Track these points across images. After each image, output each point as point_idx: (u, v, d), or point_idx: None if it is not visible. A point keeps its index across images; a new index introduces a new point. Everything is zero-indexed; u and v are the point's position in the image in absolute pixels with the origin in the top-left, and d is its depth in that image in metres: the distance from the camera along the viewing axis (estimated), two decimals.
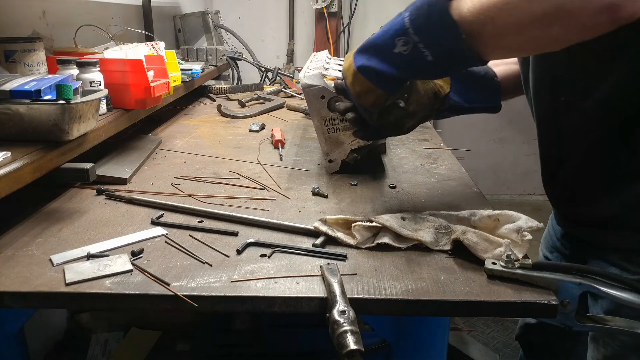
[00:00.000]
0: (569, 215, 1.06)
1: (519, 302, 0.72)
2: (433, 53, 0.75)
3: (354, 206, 1.05)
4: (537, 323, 1.28)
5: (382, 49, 0.80)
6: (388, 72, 0.80)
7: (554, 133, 0.98)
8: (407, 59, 0.77)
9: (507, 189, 4.18)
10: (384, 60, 0.80)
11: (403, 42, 0.76)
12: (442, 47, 0.75)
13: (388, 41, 0.78)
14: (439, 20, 0.72)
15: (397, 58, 0.78)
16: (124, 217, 0.99)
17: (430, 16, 0.73)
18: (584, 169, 0.94)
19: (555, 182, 1.03)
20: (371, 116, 0.92)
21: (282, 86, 2.55)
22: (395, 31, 0.77)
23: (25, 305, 0.77)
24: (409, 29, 0.75)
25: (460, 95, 1.06)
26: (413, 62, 0.77)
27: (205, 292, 0.73)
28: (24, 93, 0.98)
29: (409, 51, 0.76)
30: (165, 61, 1.56)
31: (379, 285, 0.74)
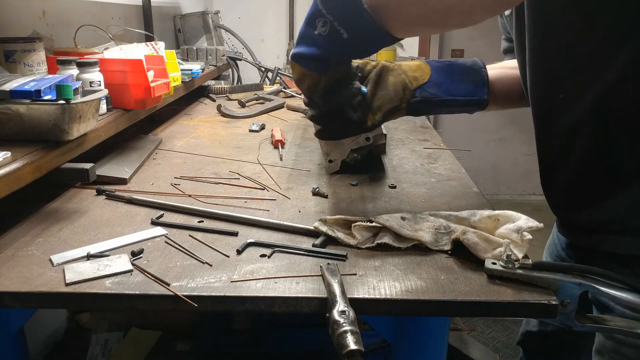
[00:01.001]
0: (570, 220, 1.02)
1: (519, 302, 0.72)
2: (348, 31, 0.78)
3: (354, 206, 1.05)
4: (539, 331, 1.25)
5: (306, 34, 0.83)
6: (312, 53, 0.83)
7: (552, 133, 0.96)
8: (327, 39, 0.80)
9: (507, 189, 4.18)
10: (309, 44, 0.83)
11: (322, 23, 0.79)
12: (354, 24, 0.77)
13: (309, 25, 0.81)
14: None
15: (318, 39, 0.81)
16: (124, 217, 0.99)
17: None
18: (583, 169, 0.91)
19: (555, 185, 1.00)
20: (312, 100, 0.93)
21: (282, 86, 2.55)
22: (312, 14, 0.80)
23: (25, 305, 0.77)
24: (322, 9, 0.78)
25: (439, 87, 1.03)
26: (332, 41, 0.80)
27: (205, 292, 0.73)
28: (24, 93, 0.98)
29: (328, 31, 0.79)
30: (165, 61, 1.56)
31: (379, 285, 0.74)
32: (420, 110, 1.06)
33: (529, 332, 1.29)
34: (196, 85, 2.11)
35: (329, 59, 0.86)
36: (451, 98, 1.04)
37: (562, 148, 0.94)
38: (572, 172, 0.94)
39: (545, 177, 1.02)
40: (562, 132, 0.93)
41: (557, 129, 0.94)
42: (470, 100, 1.06)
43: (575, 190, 0.95)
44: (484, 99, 1.06)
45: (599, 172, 0.89)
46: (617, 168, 0.87)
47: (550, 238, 1.21)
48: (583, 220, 0.95)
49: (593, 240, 0.93)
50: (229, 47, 3.28)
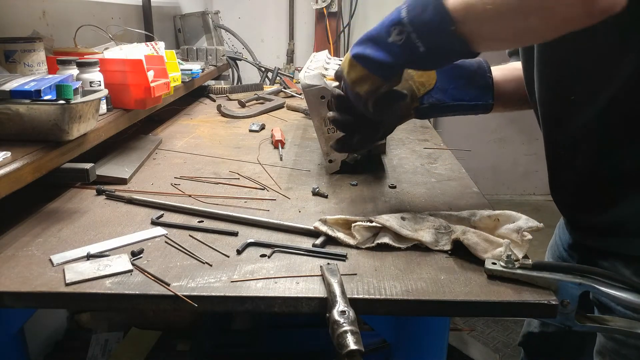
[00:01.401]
0: (579, 222, 1.02)
1: (519, 302, 0.72)
2: (425, 44, 0.77)
3: (354, 206, 1.05)
4: (541, 332, 1.25)
5: (378, 38, 0.82)
6: (382, 59, 0.82)
7: (561, 136, 0.95)
8: (401, 48, 0.79)
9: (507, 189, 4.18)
10: (379, 49, 0.82)
11: (397, 32, 0.78)
12: (434, 38, 0.76)
13: (383, 31, 0.80)
14: (434, 11, 0.74)
15: (391, 47, 0.80)
16: (124, 217, 0.99)
17: (425, 7, 0.75)
18: (593, 171, 0.91)
19: (565, 188, 1.00)
20: (366, 105, 0.90)
21: (282, 86, 2.55)
22: (391, 21, 0.79)
23: (25, 305, 0.77)
24: (404, 18, 0.77)
25: (445, 93, 1.03)
26: (406, 52, 0.79)
27: (205, 292, 0.73)
28: (24, 93, 0.98)
29: (403, 41, 0.78)
30: (165, 61, 1.56)
31: (379, 285, 0.74)
32: (427, 115, 1.08)
33: (530, 333, 1.29)
34: (196, 85, 2.11)
35: (398, 68, 0.85)
36: (457, 103, 1.05)
37: (571, 151, 0.94)
38: (581, 175, 0.93)
39: (553, 178, 1.01)
40: (571, 135, 0.92)
41: (566, 132, 0.93)
42: (475, 105, 1.07)
43: (584, 192, 0.95)
44: (489, 103, 1.06)
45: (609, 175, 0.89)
46: (628, 171, 0.86)
47: (553, 239, 1.21)
48: (592, 221, 0.95)
49: (601, 240, 0.93)
50: (229, 47, 3.28)
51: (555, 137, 0.98)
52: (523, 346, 1.32)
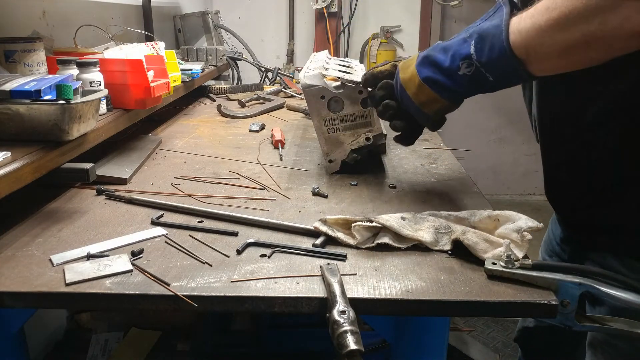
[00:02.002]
0: (572, 219, 1.05)
1: (519, 302, 0.72)
2: (494, 75, 0.86)
3: (354, 206, 1.05)
4: (536, 326, 1.27)
5: (448, 70, 0.90)
6: (454, 88, 0.91)
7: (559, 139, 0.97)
8: (470, 78, 0.88)
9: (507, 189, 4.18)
10: (450, 79, 0.90)
11: (467, 65, 0.87)
12: (502, 70, 0.85)
13: (453, 64, 0.89)
14: (499, 51, 0.82)
15: (461, 78, 0.89)
16: (124, 217, 0.99)
17: (492, 48, 0.83)
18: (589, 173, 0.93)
19: (559, 188, 1.02)
20: (429, 122, 0.99)
21: (282, 86, 2.55)
22: (461, 56, 0.88)
23: (25, 305, 0.77)
24: (473, 55, 0.86)
25: None
26: (476, 82, 0.88)
27: (205, 292, 0.73)
28: (24, 93, 0.98)
29: (472, 73, 0.87)
30: (165, 61, 1.56)
31: (379, 285, 0.74)
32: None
33: (525, 328, 1.31)
34: (196, 85, 2.11)
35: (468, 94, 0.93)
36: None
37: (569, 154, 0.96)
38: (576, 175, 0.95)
39: (548, 178, 1.04)
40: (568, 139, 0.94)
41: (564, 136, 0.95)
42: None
43: (577, 192, 0.97)
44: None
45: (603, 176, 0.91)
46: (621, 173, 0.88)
47: (546, 234, 1.22)
48: (584, 219, 0.97)
49: (592, 237, 0.96)
50: (229, 47, 3.28)
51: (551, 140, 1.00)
52: (519, 342, 1.34)
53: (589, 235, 0.98)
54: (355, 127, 1.20)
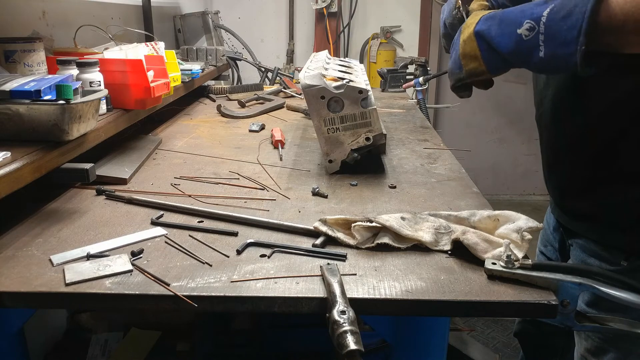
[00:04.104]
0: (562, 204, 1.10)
1: (519, 302, 0.72)
2: (547, 50, 0.75)
3: (354, 206, 1.05)
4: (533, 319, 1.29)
5: (509, 21, 0.79)
6: (500, 47, 0.80)
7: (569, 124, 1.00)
8: (523, 44, 0.77)
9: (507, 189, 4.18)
10: (503, 34, 0.80)
11: (529, 27, 0.76)
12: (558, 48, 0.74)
13: (518, 18, 0.78)
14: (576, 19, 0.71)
15: (516, 37, 0.78)
16: (124, 217, 0.99)
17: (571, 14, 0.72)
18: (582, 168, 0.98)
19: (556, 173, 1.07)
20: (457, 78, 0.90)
21: (282, 86, 2.55)
22: (531, 14, 0.77)
23: (25, 305, 0.77)
24: (543, 18, 0.75)
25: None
26: (526, 50, 0.78)
27: (205, 292, 0.73)
28: (24, 93, 0.98)
29: (529, 38, 0.76)
30: (165, 61, 1.56)
31: (379, 285, 0.74)
32: None
33: (524, 320, 1.36)
34: (196, 85, 2.11)
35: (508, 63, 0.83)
36: None
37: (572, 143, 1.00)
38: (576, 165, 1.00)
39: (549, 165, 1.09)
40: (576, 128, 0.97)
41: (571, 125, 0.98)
42: None
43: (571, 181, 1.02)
44: None
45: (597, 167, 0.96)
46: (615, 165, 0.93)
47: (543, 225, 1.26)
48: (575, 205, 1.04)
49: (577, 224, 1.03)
50: (229, 47, 3.28)
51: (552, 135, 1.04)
52: (517, 335, 1.36)
53: (575, 221, 1.04)
54: (355, 127, 1.20)
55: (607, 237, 0.96)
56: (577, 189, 1.01)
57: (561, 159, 1.04)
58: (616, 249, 0.95)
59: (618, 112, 0.90)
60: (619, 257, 0.94)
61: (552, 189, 1.11)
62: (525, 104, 1.07)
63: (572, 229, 1.06)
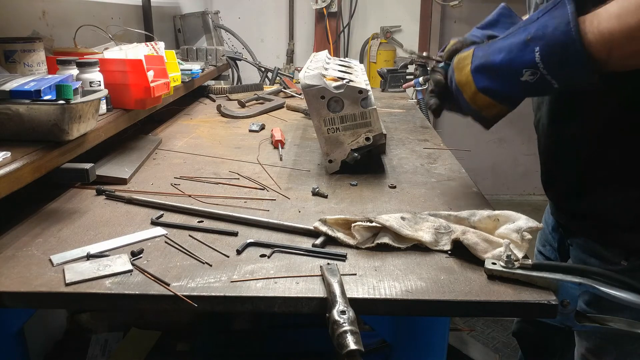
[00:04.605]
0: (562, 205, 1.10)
1: (519, 302, 0.72)
2: (560, 81, 0.80)
3: (354, 206, 1.05)
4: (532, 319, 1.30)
5: (508, 76, 0.84)
6: (513, 95, 0.87)
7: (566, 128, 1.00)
8: (533, 86, 0.82)
9: (507, 189, 4.18)
10: (509, 85, 0.85)
11: (531, 73, 0.81)
12: (572, 76, 0.79)
13: (514, 71, 0.83)
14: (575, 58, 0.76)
15: (522, 85, 0.83)
16: (124, 217, 0.99)
17: (564, 52, 0.77)
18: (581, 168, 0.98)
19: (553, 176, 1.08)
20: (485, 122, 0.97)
21: (282, 86, 2.55)
22: (523, 63, 0.81)
23: (25, 305, 0.77)
24: (539, 63, 0.79)
25: None
26: (538, 88, 0.83)
27: (205, 292, 0.73)
28: (24, 93, 0.98)
29: (536, 80, 0.81)
30: (165, 61, 1.56)
31: (379, 285, 0.74)
32: None
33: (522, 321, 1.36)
34: (196, 85, 2.11)
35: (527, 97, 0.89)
36: None
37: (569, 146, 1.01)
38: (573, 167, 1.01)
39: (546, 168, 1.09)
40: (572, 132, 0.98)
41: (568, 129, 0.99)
42: None
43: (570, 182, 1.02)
44: None
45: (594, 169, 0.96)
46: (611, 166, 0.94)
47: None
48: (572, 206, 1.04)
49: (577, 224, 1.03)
50: (229, 47, 3.28)
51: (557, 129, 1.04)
52: (516, 335, 1.37)
53: (575, 221, 1.04)
54: (355, 127, 1.20)
55: (607, 237, 0.96)
56: (577, 191, 1.01)
57: (560, 162, 1.04)
58: (616, 249, 0.95)
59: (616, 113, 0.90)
60: (619, 257, 0.94)
61: (551, 192, 1.11)
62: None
63: (571, 229, 1.07)
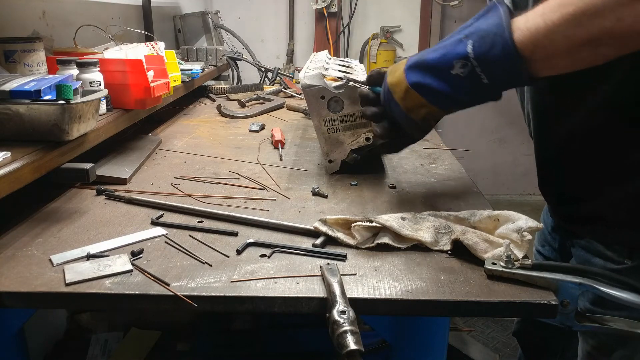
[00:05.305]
0: (561, 210, 1.10)
1: (519, 302, 0.72)
2: (489, 76, 0.80)
3: (354, 206, 1.05)
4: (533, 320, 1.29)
5: (439, 69, 0.83)
6: (444, 90, 0.84)
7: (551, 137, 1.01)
8: (463, 80, 0.81)
9: (507, 189, 4.18)
10: (440, 80, 0.84)
11: (461, 65, 0.80)
12: (500, 71, 0.79)
13: (446, 63, 0.82)
14: (502, 49, 0.76)
15: (453, 79, 0.82)
16: (124, 217, 0.99)
17: (494, 45, 0.77)
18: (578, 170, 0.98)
19: (550, 181, 1.08)
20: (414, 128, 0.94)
21: (282, 86, 2.55)
22: (456, 55, 0.81)
23: (25, 305, 0.77)
24: (470, 54, 0.79)
25: None
26: (469, 83, 0.82)
27: (205, 292, 0.73)
28: (24, 93, 0.98)
29: (466, 74, 0.81)
30: (165, 61, 1.56)
31: (379, 285, 0.74)
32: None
33: (524, 321, 1.36)
34: (196, 85, 2.11)
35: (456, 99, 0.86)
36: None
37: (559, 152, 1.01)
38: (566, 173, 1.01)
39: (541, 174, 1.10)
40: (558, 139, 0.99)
41: (553, 136, 1.00)
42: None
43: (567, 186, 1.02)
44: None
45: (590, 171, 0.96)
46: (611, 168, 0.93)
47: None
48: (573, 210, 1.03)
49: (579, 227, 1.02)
50: (229, 47, 3.28)
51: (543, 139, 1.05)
52: (517, 335, 1.36)
53: (576, 224, 1.03)
54: (355, 127, 1.20)
55: (610, 236, 0.96)
56: (575, 193, 1.00)
57: (554, 165, 1.04)
58: (619, 247, 0.94)
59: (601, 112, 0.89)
60: (623, 256, 0.94)
61: (549, 196, 1.10)
62: None
63: (573, 231, 1.06)
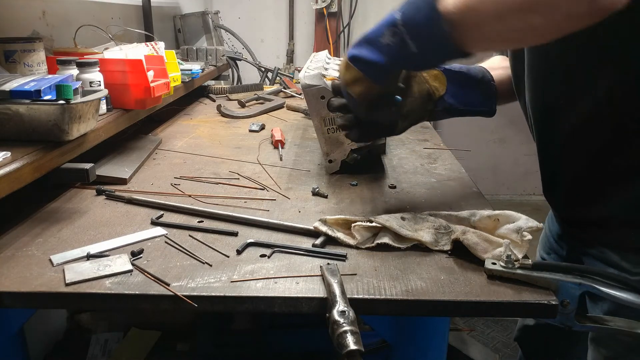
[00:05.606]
0: (568, 217, 1.06)
1: (519, 302, 0.72)
2: (417, 45, 0.78)
3: (354, 206, 1.05)
4: (535, 325, 1.28)
5: (372, 39, 0.82)
6: (375, 60, 0.83)
7: (555, 135, 0.98)
8: (394, 49, 0.80)
9: (507, 189, 4.18)
10: (373, 50, 0.83)
11: (391, 33, 0.79)
12: (426, 39, 0.77)
13: (378, 32, 0.81)
14: (426, 13, 0.75)
15: (385, 48, 0.81)
16: (124, 217, 0.99)
17: (418, 10, 0.76)
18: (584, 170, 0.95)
19: (555, 187, 1.04)
20: (359, 108, 0.92)
21: (282, 86, 2.55)
22: (386, 22, 0.80)
23: (25, 305, 0.77)
24: (399, 21, 0.78)
25: (456, 98, 1.07)
26: (399, 53, 0.80)
27: (205, 292, 0.73)
28: (24, 93, 0.98)
29: (396, 42, 0.79)
30: (165, 61, 1.56)
31: (379, 285, 0.74)
32: (438, 117, 1.11)
33: (525, 327, 1.33)
34: (196, 85, 2.11)
35: (389, 70, 0.86)
36: (466, 108, 1.10)
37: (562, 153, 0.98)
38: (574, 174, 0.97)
39: (545, 177, 1.06)
40: (561, 136, 0.96)
41: (556, 134, 0.97)
42: (481, 110, 1.12)
43: (573, 190, 0.99)
44: (493, 109, 1.13)
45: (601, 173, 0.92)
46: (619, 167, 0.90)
47: (543, 232, 1.23)
48: (581, 215, 0.99)
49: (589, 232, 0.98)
50: (229, 47, 3.28)
51: (546, 140, 1.02)
52: (519, 340, 1.35)
53: (586, 230, 0.99)
54: None
55: (624, 240, 0.91)
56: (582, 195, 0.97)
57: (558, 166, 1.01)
58: (635, 257, 0.90)
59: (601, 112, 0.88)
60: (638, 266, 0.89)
61: (554, 200, 1.07)
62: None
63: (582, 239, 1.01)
